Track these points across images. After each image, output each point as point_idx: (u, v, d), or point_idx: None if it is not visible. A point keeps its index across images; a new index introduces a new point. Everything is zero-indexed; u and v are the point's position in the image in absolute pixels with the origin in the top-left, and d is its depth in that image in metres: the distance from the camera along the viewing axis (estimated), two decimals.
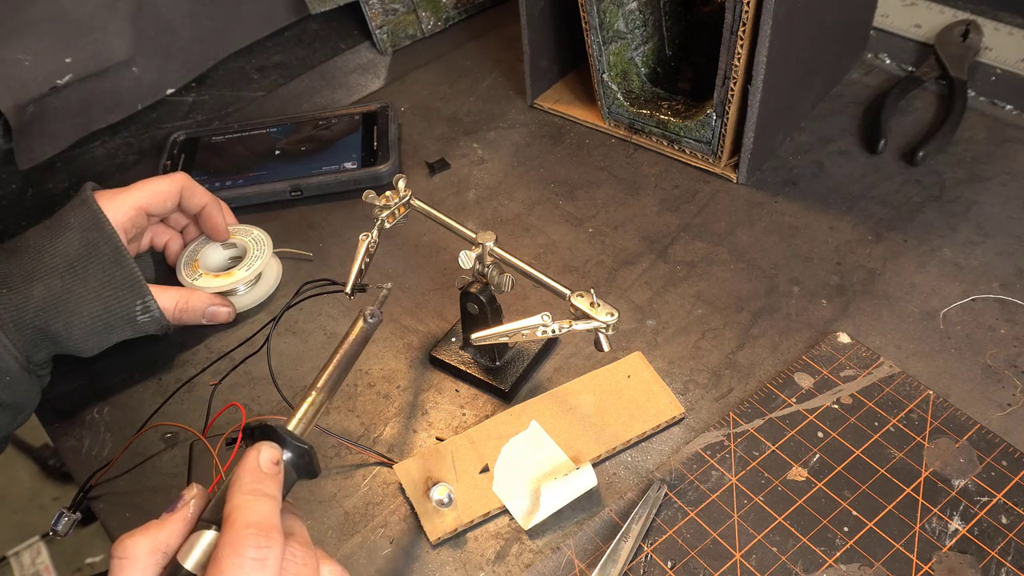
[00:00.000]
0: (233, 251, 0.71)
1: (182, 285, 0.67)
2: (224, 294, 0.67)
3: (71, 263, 0.56)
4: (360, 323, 0.51)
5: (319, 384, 0.47)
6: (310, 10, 0.96)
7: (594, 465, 0.55)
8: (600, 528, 0.53)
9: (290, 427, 0.44)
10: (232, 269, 0.67)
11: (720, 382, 0.60)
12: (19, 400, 0.56)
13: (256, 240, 0.70)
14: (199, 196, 0.66)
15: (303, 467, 0.43)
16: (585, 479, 0.54)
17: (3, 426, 0.56)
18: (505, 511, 0.54)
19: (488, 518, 0.54)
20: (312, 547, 0.40)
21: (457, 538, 0.53)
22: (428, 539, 0.53)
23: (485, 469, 0.56)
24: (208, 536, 0.38)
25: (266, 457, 0.40)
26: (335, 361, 0.49)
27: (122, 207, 0.60)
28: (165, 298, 0.61)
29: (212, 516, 0.39)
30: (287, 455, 0.42)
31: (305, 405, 0.46)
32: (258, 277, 0.69)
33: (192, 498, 0.40)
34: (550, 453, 0.56)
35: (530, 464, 0.56)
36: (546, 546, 0.53)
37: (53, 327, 0.56)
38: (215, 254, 0.70)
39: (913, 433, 0.56)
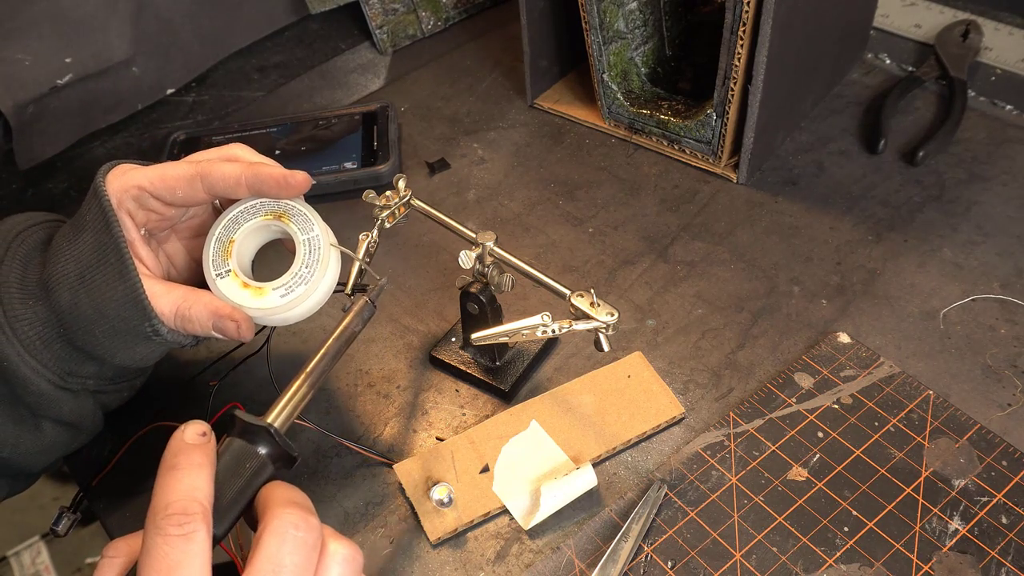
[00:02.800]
0: (281, 231, 0.54)
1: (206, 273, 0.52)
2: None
3: (82, 272, 0.49)
4: (351, 316, 0.51)
5: (303, 373, 0.46)
6: (310, 10, 0.96)
7: (594, 465, 0.55)
8: (600, 528, 0.53)
9: (269, 419, 0.44)
10: (266, 285, 0.52)
11: (720, 382, 0.60)
12: (70, 419, 0.52)
13: (311, 244, 0.52)
14: (230, 180, 0.51)
15: (276, 455, 0.42)
16: (585, 479, 0.54)
17: (63, 446, 0.54)
18: (505, 511, 0.54)
19: (488, 518, 0.54)
20: (315, 516, 0.39)
21: (457, 538, 0.53)
22: (428, 539, 0.53)
23: (485, 469, 0.56)
24: None
25: (191, 431, 0.39)
26: (322, 353, 0.48)
27: (124, 186, 0.50)
28: (164, 302, 0.50)
29: None
30: (263, 450, 0.42)
31: (287, 396, 0.45)
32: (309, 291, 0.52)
33: None
34: (550, 453, 0.56)
35: (530, 464, 0.56)
36: (546, 546, 0.53)
37: (77, 342, 0.50)
38: (258, 232, 0.54)
39: (913, 433, 0.56)
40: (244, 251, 0.54)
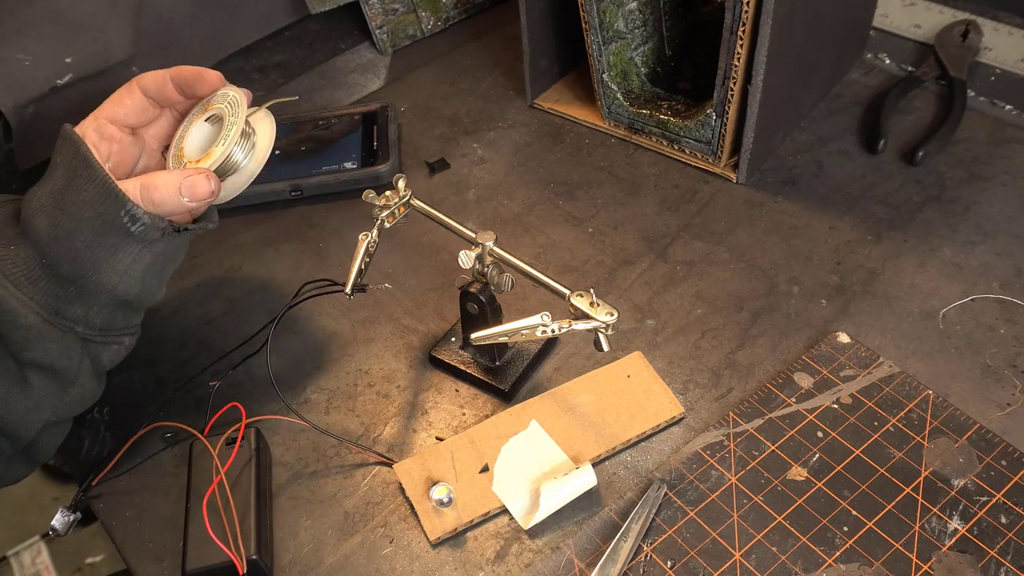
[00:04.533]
0: (218, 124, 0.60)
1: None
2: (217, 174, 0.57)
3: (56, 196, 0.51)
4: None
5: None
6: (310, 10, 0.96)
7: (594, 465, 0.55)
8: (600, 528, 0.53)
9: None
10: (209, 148, 0.57)
11: (720, 382, 0.60)
12: (57, 363, 0.52)
13: (231, 103, 0.59)
14: (159, 78, 0.59)
15: None
16: (585, 479, 0.54)
17: (53, 401, 0.53)
18: (505, 511, 0.54)
19: (488, 518, 0.54)
20: None
21: (457, 538, 0.53)
22: (428, 539, 0.53)
23: (485, 469, 0.56)
24: None
25: None
26: None
27: (86, 125, 0.57)
28: (129, 186, 0.52)
29: None
30: None
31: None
32: (251, 145, 0.58)
33: None
34: (550, 453, 0.56)
35: (530, 464, 0.56)
36: (546, 546, 0.53)
37: (61, 268, 0.51)
38: (198, 133, 0.60)
39: (913, 433, 0.56)
40: (194, 146, 0.59)
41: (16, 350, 0.51)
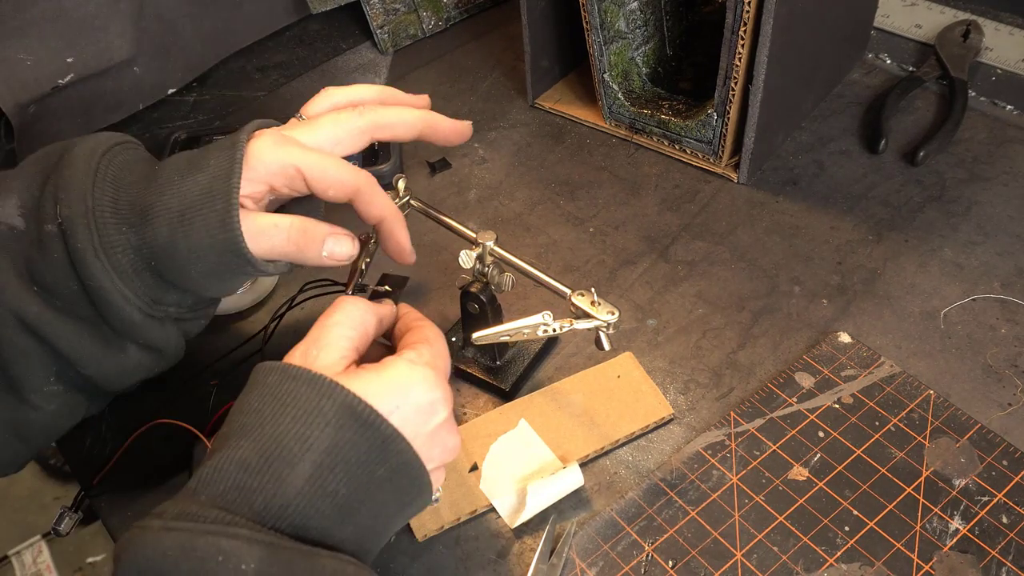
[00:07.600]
0: None
1: None
2: None
3: (183, 210, 0.48)
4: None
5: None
6: (311, 10, 0.96)
7: (590, 463, 0.55)
8: (601, 528, 0.53)
9: None
10: None
11: (721, 381, 0.60)
12: (154, 344, 0.52)
13: None
14: (376, 207, 0.53)
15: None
16: (572, 479, 0.54)
17: (146, 370, 0.54)
18: (492, 509, 0.54)
19: (475, 516, 0.54)
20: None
21: (458, 537, 0.53)
22: (414, 536, 0.53)
23: (474, 468, 0.56)
24: None
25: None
26: None
27: (282, 163, 0.50)
28: (277, 238, 0.49)
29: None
30: None
31: None
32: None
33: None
34: (538, 452, 0.56)
35: (518, 463, 0.56)
36: None
37: (168, 276, 0.49)
38: None
39: (914, 433, 0.56)
40: None
41: (117, 330, 0.51)
